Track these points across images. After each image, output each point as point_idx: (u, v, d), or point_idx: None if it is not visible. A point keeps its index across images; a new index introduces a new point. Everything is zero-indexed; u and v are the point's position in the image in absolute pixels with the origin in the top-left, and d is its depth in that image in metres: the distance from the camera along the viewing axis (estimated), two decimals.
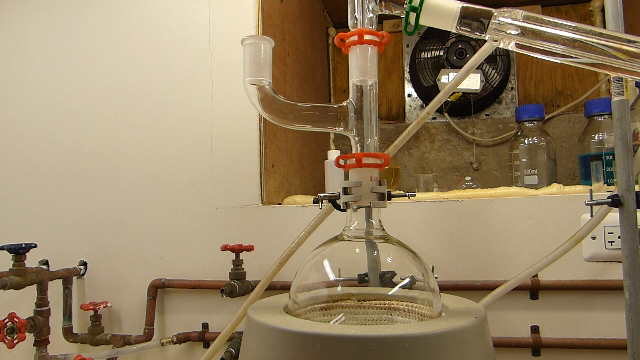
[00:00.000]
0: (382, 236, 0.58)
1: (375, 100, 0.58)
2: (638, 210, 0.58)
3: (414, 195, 0.66)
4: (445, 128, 1.47)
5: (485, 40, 0.51)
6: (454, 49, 1.37)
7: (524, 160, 1.08)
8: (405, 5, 0.51)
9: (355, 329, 0.45)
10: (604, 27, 0.57)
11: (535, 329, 0.85)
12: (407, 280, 0.57)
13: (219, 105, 1.00)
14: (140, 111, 1.03)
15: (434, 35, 1.40)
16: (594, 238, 0.79)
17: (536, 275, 0.84)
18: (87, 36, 1.07)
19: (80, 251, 1.04)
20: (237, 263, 0.91)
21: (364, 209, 0.57)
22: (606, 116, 1.01)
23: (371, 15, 0.56)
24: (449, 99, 1.37)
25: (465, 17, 0.50)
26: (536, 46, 0.47)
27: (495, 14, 0.49)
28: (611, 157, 0.95)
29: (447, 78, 1.33)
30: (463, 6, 0.50)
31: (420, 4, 0.50)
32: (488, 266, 0.87)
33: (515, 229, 0.86)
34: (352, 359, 0.43)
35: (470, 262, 0.87)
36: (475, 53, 0.84)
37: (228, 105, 0.99)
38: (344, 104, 0.58)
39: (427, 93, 1.44)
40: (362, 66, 0.56)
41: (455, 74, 1.30)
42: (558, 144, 1.36)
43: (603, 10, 1.19)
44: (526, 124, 1.10)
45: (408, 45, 1.52)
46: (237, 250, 0.91)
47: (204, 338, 0.96)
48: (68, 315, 1.00)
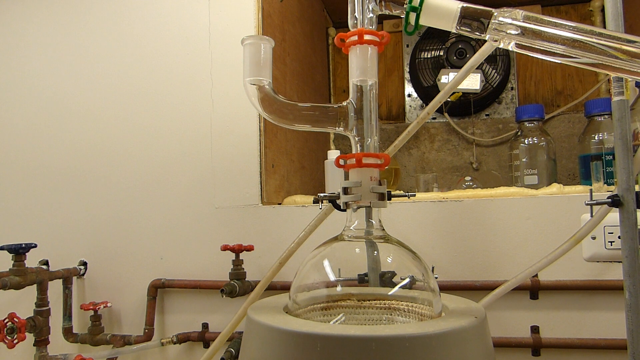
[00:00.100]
0: (382, 236, 0.58)
1: (375, 100, 0.58)
2: (638, 210, 0.58)
3: (414, 195, 0.66)
4: (445, 128, 1.47)
5: (485, 40, 0.51)
6: (454, 49, 1.37)
7: (524, 160, 1.08)
8: (405, 5, 0.51)
9: (355, 329, 0.45)
10: (604, 27, 0.57)
11: (535, 329, 0.85)
12: (407, 280, 0.57)
13: (219, 105, 1.00)
14: (140, 111, 1.03)
15: (434, 35, 1.40)
16: (594, 238, 0.79)
17: (536, 275, 0.84)
18: (87, 36, 1.07)
19: (80, 251, 1.04)
20: (237, 263, 0.91)
21: (364, 209, 0.57)
22: (606, 116, 1.01)
23: (371, 15, 0.56)
24: (449, 99, 1.37)
25: (465, 17, 0.50)
26: (536, 46, 0.47)
27: (495, 14, 0.49)
28: (611, 157, 0.95)
29: (447, 78, 1.33)
30: (463, 6, 0.50)
31: (420, 4, 0.50)
32: (488, 266, 0.87)
33: (515, 229, 0.86)
34: (352, 359, 0.43)
35: (470, 262, 0.87)
36: (475, 53, 0.84)
37: (228, 105, 0.99)
38: (344, 104, 0.58)
39: (427, 93, 1.44)
40: (362, 66, 0.56)
41: (455, 74, 1.30)
42: (558, 144, 1.36)
43: (603, 10, 1.19)
44: (526, 124, 1.10)
45: (408, 45, 1.52)
46: (237, 250, 0.91)
47: (204, 338, 0.96)
48: (68, 315, 1.00)
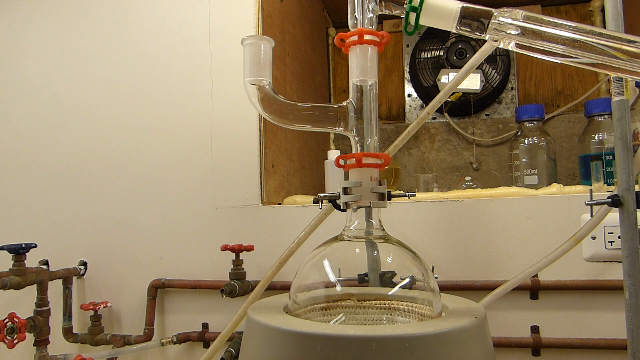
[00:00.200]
0: (382, 236, 0.58)
1: (375, 100, 0.58)
2: (638, 210, 0.58)
3: (414, 195, 0.66)
4: (445, 128, 1.47)
5: (485, 40, 0.51)
6: (454, 49, 1.37)
7: (524, 160, 1.08)
8: (405, 5, 0.51)
9: (355, 329, 0.45)
10: (604, 27, 0.57)
11: (535, 329, 0.85)
12: (407, 280, 0.57)
13: (219, 105, 1.00)
14: (140, 111, 1.03)
15: (434, 35, 1.40)
16: (594, 238, 0.79)
17: (536, 275, 0.84)
18: (88, 36, 1.07)
19: (80, 251, 1.04)
20: (237, 263, 0.91)
21: (364, 209, 0.57)
22: (606, 116, 1.01)
23: (371, 15, 0.56)
24: (449, 99, 1.37)
25: (465, 17, 0.50)
26: (536, 46, 0.47)
27: (495, 14, 0.49)
28: (611, 157, 0.95)
29: (447, 78, 1.33)
30: (463, 6, 0.50)
31: (420, 4, 0.50)
32: (488, 266, 0.87)
33: (515, 229, 0.86)
34: (352, 359, 0.43)
35: (470, 262, 0.87)
36: (475, 53, 0.84)
37: (228, 105, 0.99)
38: (344, 104, 0.58)
39: (427, 93, 1.44)
40: (362, 66, 0.56)
41: (455, 74, 1.30)
42: (558, 144, 1.36)
43: (603, 10, 1.19)
44: (526, 124, 1.10)
45: (408, 45, 1.52)
46: (237, 250, 0.91)
47: (204, 338, 0.96)
48: (68, 315, 1.00)
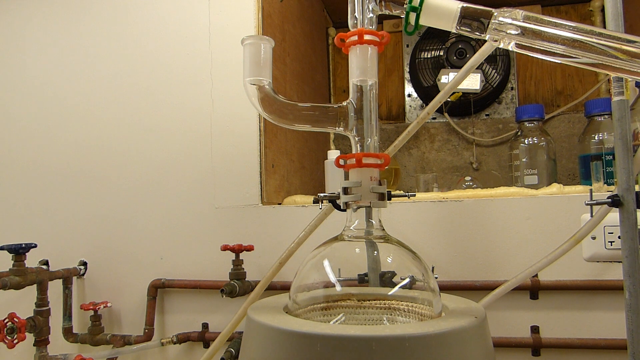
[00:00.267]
0: (382, 236, 0.58)
1: (375, 100, 0.58)
2: (638, 210, 0.58)
3: (414, 195, 0.66)
4: (445, 128, 1.47)
5: (485, 40, 0.51)
6: (454, 49, 1.37)
7: (524, 160, 1.08)
8: (405, 5, 0.51)
9: (355, 329, 0.45)
10: (604, 27, 0.57)
11: (535, 329, 0.85)
12: (407, 280, 0.57)
13: (219, 105, 1.00)
14: (140, 111, 1.03)
15: (434, 35, 1.40)
16: (594, 238, 0.79)
17: (536, 275, 0.84)
18: (88, 35, 1.07)
19: (80, 251, 1.04)
20: (237, 263, 0.91)
21: (364, 209, 0.57)
22: (606, 116, 1.01)
23: (371, 15, 0.56)
24: (449, 99, 1.37)
25: (465, 17, 0.50)
26: (536, 46, 0.47)
27: (495, 14, 0.49)
28: (611, 157, 0.95)
29: (447, 78, 1.33)
30: (463, 6, 0.50)
31: (420, 4, 0.50)
32: (488, 266, 0.87)
33: (515, 229, 0.86)
34: (352, 359, 0.43)
35: (470, 262, 0.87)
36: (475, 53, 0.84)
37: (228, 105, 0.99)
38: (344, 104, 0.58)
39: (427, 93, 1.44)
40: (362, 66, 0.56)
41: (455, 74, 1.30)
42: (558, 144, 1.36)
43: (603, 10, 1.19)
44: (526, 124, 1.10)
45: (408, 45, 1.52)
46: (237, 250, 0.91)
47: (204, 338, 0.96)
48: (68, 315, 1.00)
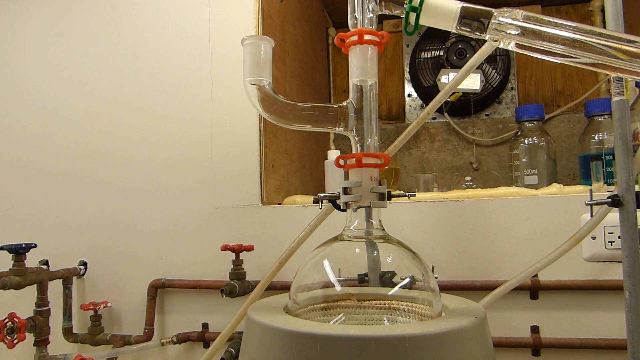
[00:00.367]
0: (382, 236, 0.58)
1: (375, 100, 0.58)
2: (638, 210, 0.58)
3: (414, 195, 0.66)
4: (445, 128, 1.47)
5: (485, 40, 0.51)
6: (454, 49, 1.37)
7: (524, 160, 1.08)
8: (405, 5, 0.51)
9: (355, 329, 0.45)
10: (604, 27, 0.57)
11: (535, 329, 0.85)
12: (407, 280, 0.57)
13: (219, 105, 1.00)
14: (140, 111, 1.03)
15: (434, 35, 1.40)
16: (594, 238, 0.79)
17: (536, 275, 0.84)
18: (88, 35, 1.07)
19: (80, 251, 1.04)
20: (237, 263, 0.91)
21: (364, 209, 0.57)
22: (606, 116, 1.01)
23: (371, 15, 0.56)
24: (449, 99, 1.37)
25: (465, 17, 0.50)
26: (536, 46, 0.47)
27: (495, 14, 0.49)
28: (611, 157, 0.95)
29: (447, 78, 1.33)
30: (463, 6, 0.50)
31: (420, 4, 0.50)
32: (488, 266, 0.87)
33: (515, 229, 0.86)
34: (352, 359, 0.43)
35: (470, 262, 0.87)
36: (475, 53, 0.84)
37: (228, 105, 0.99)
38: (344, 104, 0.58)
39: (427, 93, 1.44)
40: (362, 66, 0.56)
41: (455, 74, 1.30)
42: (558, 144, 1.36)
43: (603, 10, 1.19)
44: (526, 124, 1.10)
45: (408, 45, 1.52)
46: (237, 250, 0.91)
47: (204, 338, 0.96)
48: (68, 315, 1.00)
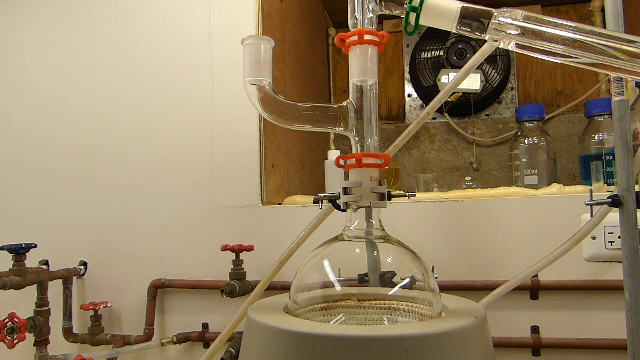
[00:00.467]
0: (382, 236, 0.58)
1: (375, 100, 0.58)
2: (638, 210, 0.58)
3: (414, 195, 0.66)
4: (445, 128, 1.47)
5: (485, 40, 0.51)
6: (454, 49, 1.37)
7: (524, 160, 1.08)
8: (405, 5, 0.51)
9: (355, 329, 0.45)
10: (604, 27, 0.57)
11: (535, 329, 0.85)
12: (407, 280, 0.57)
13: (219, 105, 1.00)
14: (140, 111, 1.03)
15: (434, 35, 1.40)
16: (594, 238, 0.79)
17: (536, 275, 0.84)
18: (88, 35, 1.07)
19: (80, 251, 1.04)
20: (237, 263, 0.91)
21: (364, 209, 0.57)
22: (606, 116, 1.01)
23: (371, 15, 0.56)
24: (449, 99, 1.37)
25: (465, 17, 0.50)
26: (536, 46, 0.47)
27: (495, 14, 0.49)
28: (611, 157, 0.95)
29: (447, 78, 1.33)
30: (463, 6, 0.50)
31: (420, 4, 0.50)
32: (488, 266, 0.87)
33: (515, 229, 0.86)
34: (352, 359, 0.43)
35: (470, 262, 0.87)
36: (475, 53, 0.84)
37: (228, 105, 0.99)
38: (344, 104, 0.58)
39: (427, 93, 1.44)
40: (362, 66, 0.56)
41: (455, 74, 1.30)
42: (558, 144, 1.36)
43: (603, 10, 1.19)
44: (526, 124, 1.10)
45: (408, 45, 1.52)
46: (237, 250, 0.91)
47: (204, 338, 0.96)
48: (68, 315, 1.00)
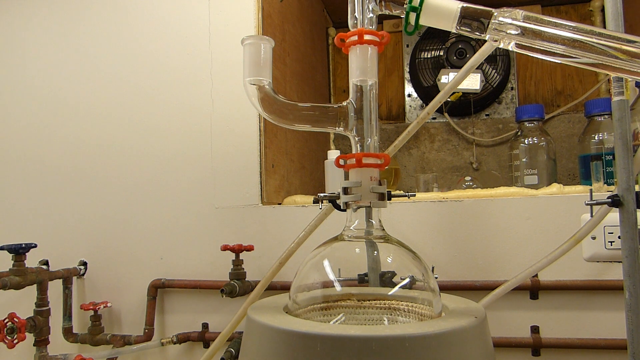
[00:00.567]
0: (382, 236, 0.58)
1: (375, 100, 0.58)
2: (638, 210, 0.58)
3: (414, 195, 0.66)
4: (445, 128, 1.47)
5: (485, 40, 0.51)
6: (454, 49, 1.37)
7: (524, 160, 1.08)
8: (405, 5, 0.51)
9: (355, 329, 0.45)
10: (604, 27, 0.57)
11: (535, 329, 0.85)
12: (407, 280, 0.57)
13: (219, 105, 1.00)
14: (140, 111, 1.03)
15: (434, 35, 1.40)
16: (594, 238, 0.79)
17: (536, 275, 0.84)
18: (88, 35, 1.07)
19: (80, 251, 1.04)
20: (237, 263, 0.91)
21: (364, 209, 0.57)
22: (606, 116, 1.01)
23: (371, 15, 0.56)
24: (449, 99, 1.37)
25: (465, 17, 0.50)
26: (536, 46, 0.47)
27: (495, 14, 0.49)
28: (611, 157, 0.95)
29: (447, 78, 1.33)
30: (463, 6, 0.50)
31: (420, 4, 0.50)
32: (488, 266, 0.87)
33: (515, 229, 0.86)
34: (352, 359, 0.43)
35: (470, 262, 0.87)
36: (475, 53, 0.84)
37: (228, 105, 0.99)
38: (344, 104, 0.58)
39: (427, 93, 1.44)
40: (362, 66, 0.56)
41: (455, 74, 1.30)
42: (558, 144, 1.36)
43: (603, 10, 1.19)
44: (526, 124, 1.10)
45: (408, 45, 1.52)
46: (237, 250, 0.91)
47: (204, 338, 0.96)
48: (68, 315, 1.00)
